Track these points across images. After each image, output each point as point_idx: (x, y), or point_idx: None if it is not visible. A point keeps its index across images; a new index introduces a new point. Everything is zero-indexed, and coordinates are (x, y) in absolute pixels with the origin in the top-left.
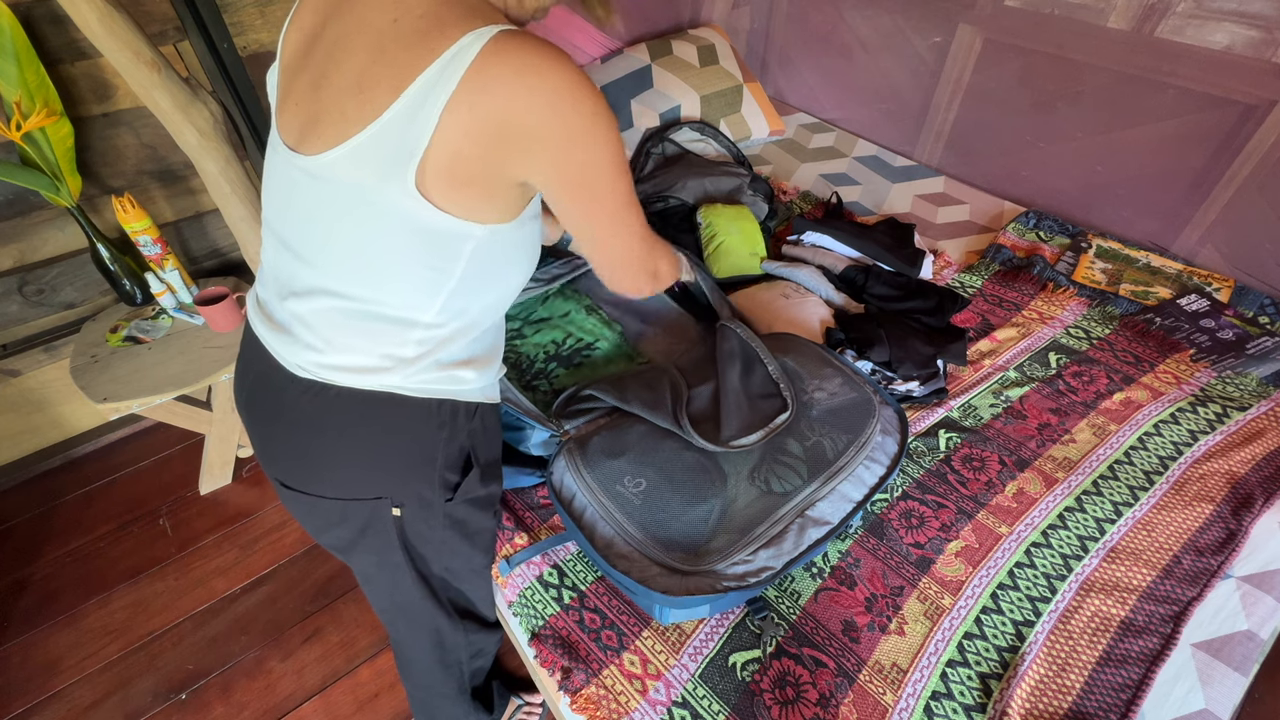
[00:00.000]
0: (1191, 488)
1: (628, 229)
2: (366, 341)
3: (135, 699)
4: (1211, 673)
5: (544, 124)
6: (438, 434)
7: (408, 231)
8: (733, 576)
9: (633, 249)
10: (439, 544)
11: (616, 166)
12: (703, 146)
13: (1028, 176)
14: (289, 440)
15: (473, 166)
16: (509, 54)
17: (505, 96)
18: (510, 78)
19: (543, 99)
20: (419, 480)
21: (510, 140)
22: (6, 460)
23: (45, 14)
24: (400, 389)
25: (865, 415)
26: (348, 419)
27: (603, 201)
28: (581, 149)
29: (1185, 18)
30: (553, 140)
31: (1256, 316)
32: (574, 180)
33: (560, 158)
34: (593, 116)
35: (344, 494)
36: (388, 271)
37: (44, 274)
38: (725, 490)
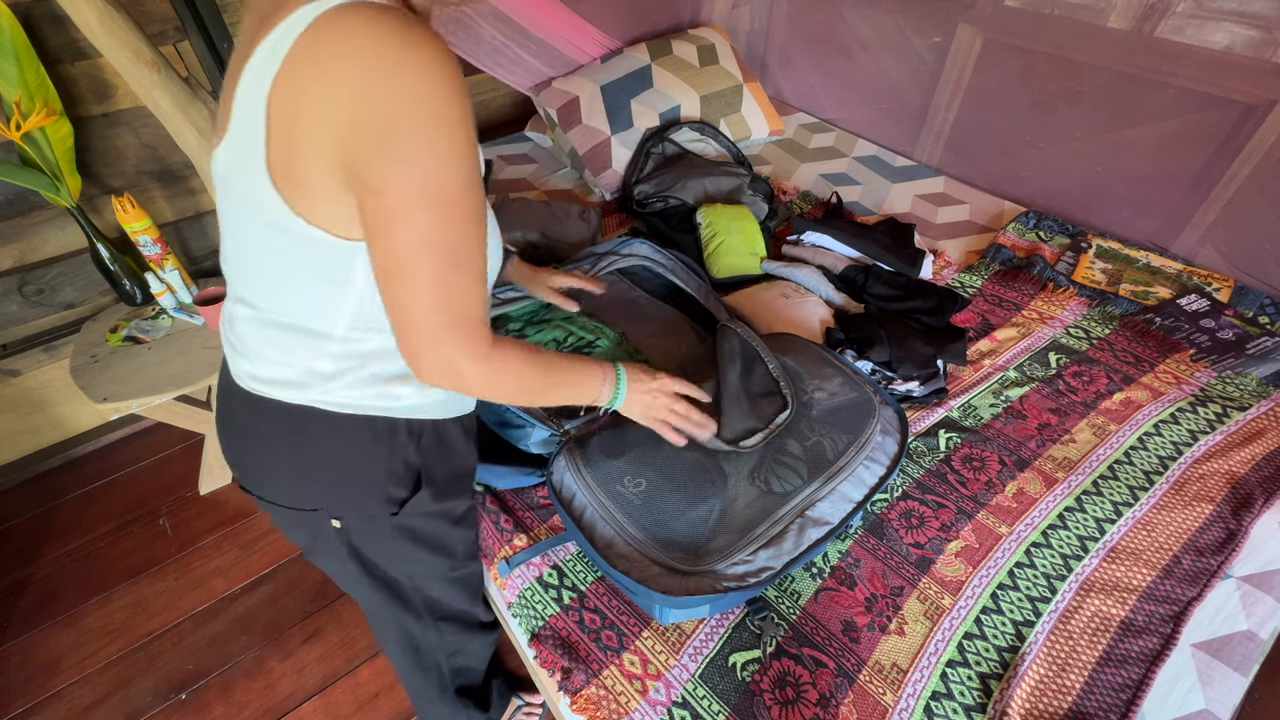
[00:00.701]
0: (1191, 488)
1: (424, 284)
2: (283, 354)
3: (135, 699)
4: (1211, 673)
5: (347, 119)
6: (373, 450)
7: (288, 241)
8: (733, 577)
9: (433, 315)
10: (393, 553)
11: (431, 192)
12: (703, 146)
13: (1028, 176)
14: (238, 448)
15: (311, 166)
16: (331, 31)
17: (317, 83)
18: (326, 60)
19: (349, 89)
20: (358, 495)
21: (324, 135)
22: (6, 460)
23: (45, 14)
24: (325, 405)
25: (865, 415)
26: (279, 433)
27: (400, 229)
28: (381, 156)
29: (1185, 18)
30: (351, 140)
31: (1256, 316)
32: (371, 193)
33: (358, 162)
34: (414, 110)
35: (286, 503)
36: (282, 282)
37: (44, 274)
38: (725, 490)
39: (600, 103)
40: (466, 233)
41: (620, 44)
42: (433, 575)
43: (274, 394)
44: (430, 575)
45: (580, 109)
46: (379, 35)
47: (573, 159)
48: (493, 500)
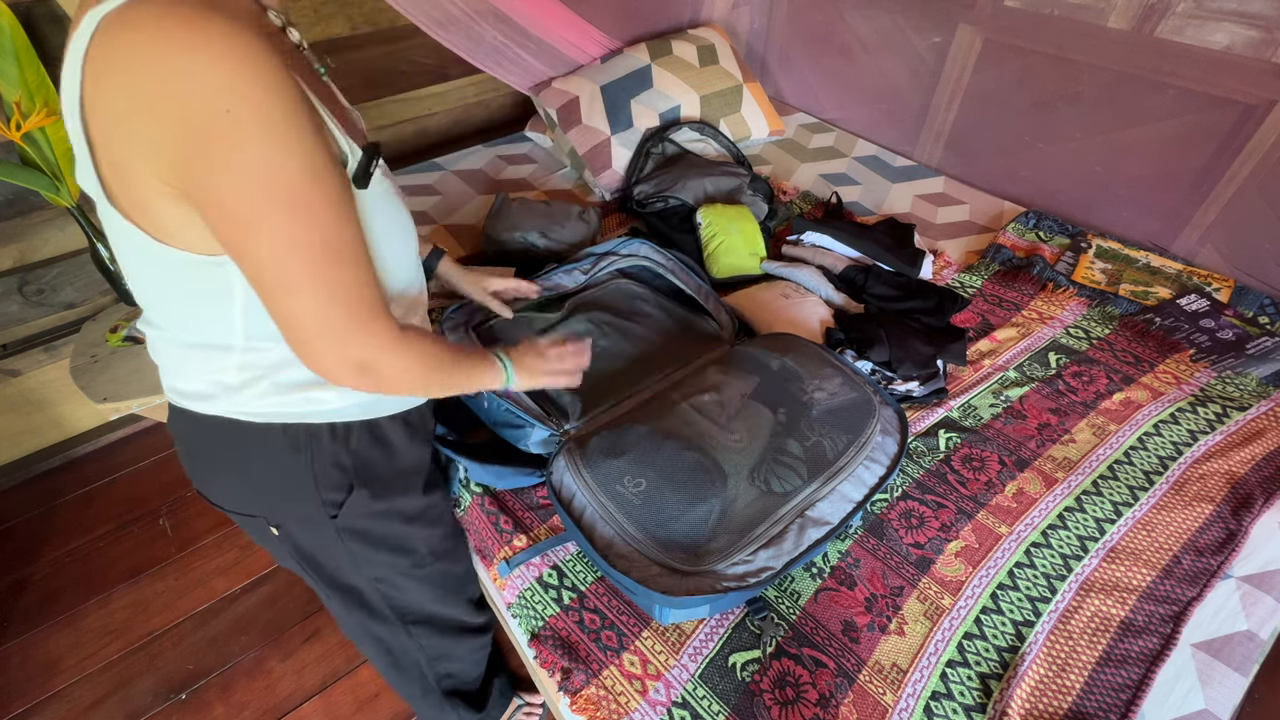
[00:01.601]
0: (1191, 488)
1: (311, 283)
2: (187, 367)
3: (135, 699)
4: (1211, 673)
5: (155, 131)
6: (294, 458)
7: (155, 262)
8: (732, 577)
9: (324, 316)
10: (343, 555)
11: (272, 192)
12: (702, 146)
13: (1027, 176)
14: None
15: (140, 186)
16: (118, 36)
17: (117, 94)
18: (119, 68)
19: (146, 99)
20: (289, 502)
21: (139, 151)
22: (6, 460)
23: (45, 14)
24: (237, 415)
25: (865, 415)
26: (208, 444)
27: (257, 238)
28: (204, 167)
29: (1185, 18)
30: (168, 153)
31: (1256, 316)
32: (209, 206)
33: (182, 176)
34: (217, 116)
35: (229, 508)
36: (168, 301)
37: (44, 274)
38: (725, 490)
39: (600, 103)
40: (333, 222)
41: (620, 44)
42: (394, 575)
43: (191, 406)
44: (392, 576)
45: (580, 109)
46: (165, 34)
47: (573, 159)
48: (492, 501)
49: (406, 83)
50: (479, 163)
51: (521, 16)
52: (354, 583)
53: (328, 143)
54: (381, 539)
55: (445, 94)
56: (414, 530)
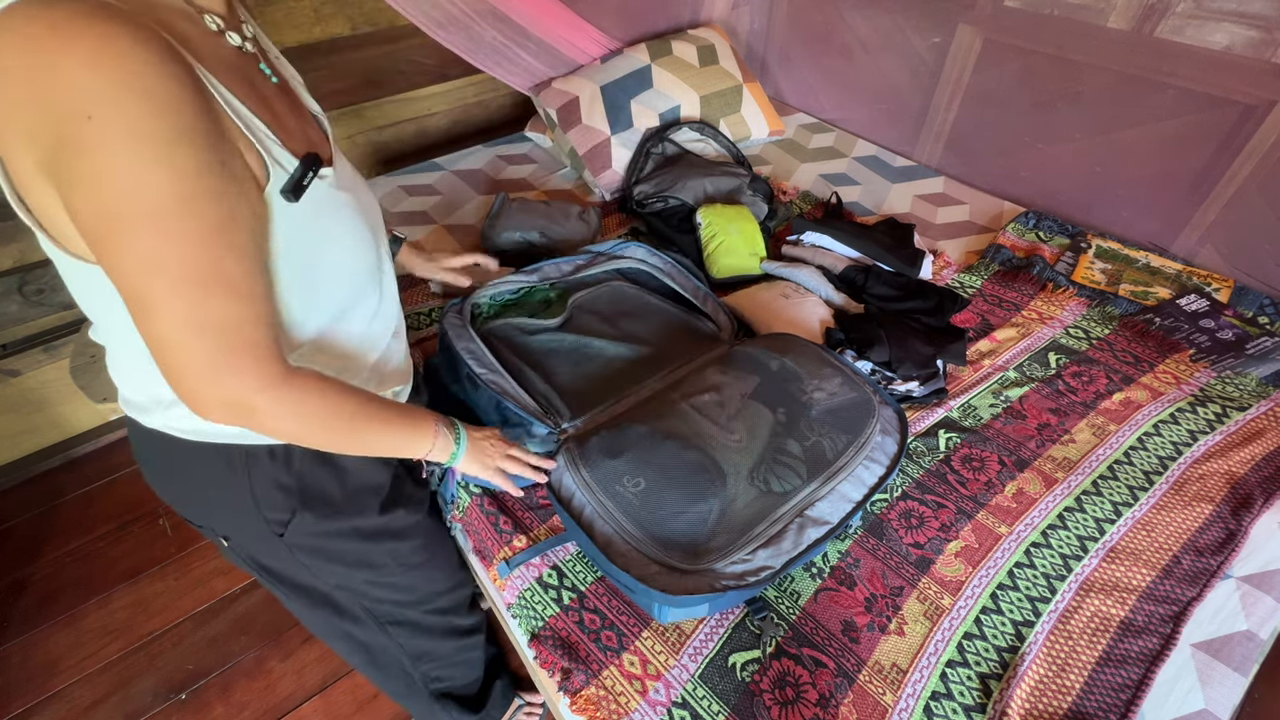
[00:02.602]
0: (1191, 488)
1: (170, 314)
2: (130, 377)
3: (135, 699)
4: (1211, 673)
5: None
6: (232, 479)
7: (64, 267)
8: (731, 575)
9: (179, 351)
10: (300, 567)
11: (132, 209)
12: (702, 146)
13: (1027, 176)
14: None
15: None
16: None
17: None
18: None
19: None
20: (234, 517)
21: (18, 156)
22: (6, 460)
23: None
24: (172, 430)
25: (865, 415)
26: (153, 453)
27: (113, 255)
28: (65, 175)
29: (1185, 18)
30: (40, 159)
31: (1256, 316)
32: (70, 211)
33: (53, 182)
34: (79, 122)
35: (184, 517)
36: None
37: (44, 274)
38: (725, 490)
39: (600, 103)
40: (202, 247)
41: (620, 44)
42: (358, 584)
43: (134, 416)
44: (355, 584)
45: (580, 109)
46: (36, 37)
47: (572, 159)
48: (491, 501)
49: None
50: (479, 163)
51: (521, 16)
52: (315, 585)
53: (225, 160)
54: (337, 554)
55: (445, 94)
56: (374, 546)
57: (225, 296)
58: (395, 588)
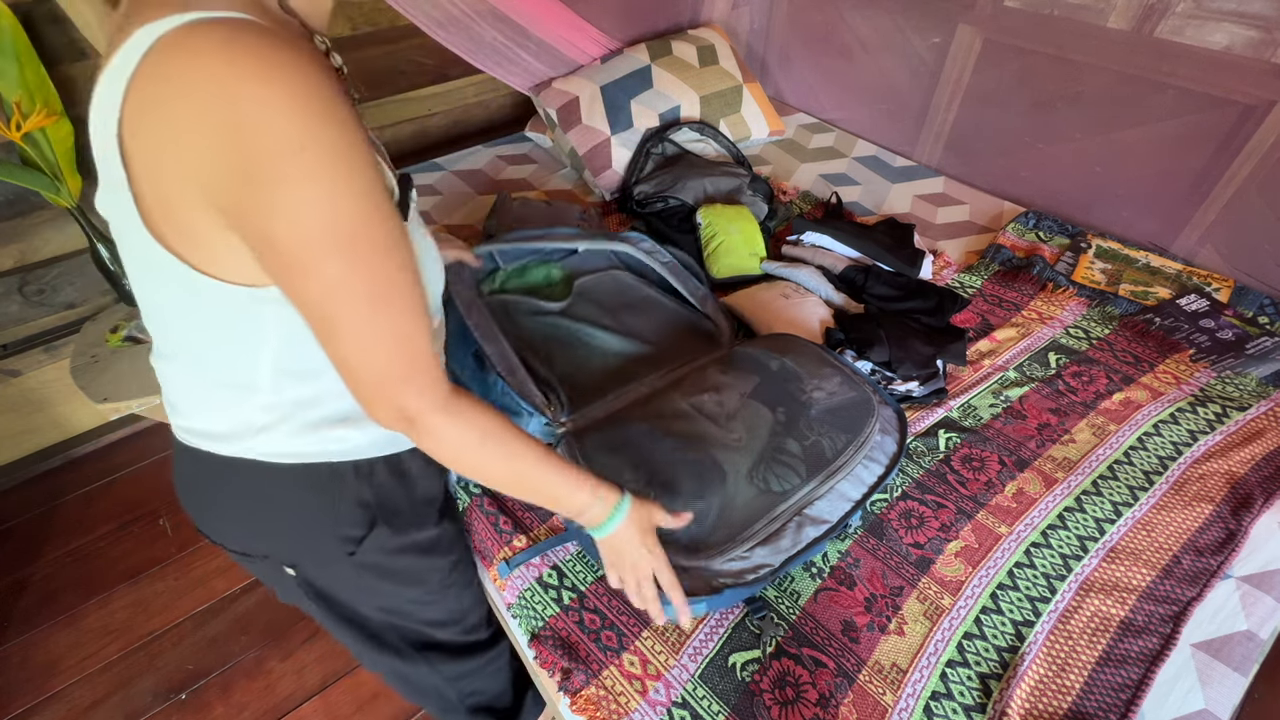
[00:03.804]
0: (1191, 488)
1: (354, 335)
2: (212, 407)
3: (135, 699)
4: (1211, 673)
5: (209, 164)
6: (317, 499)
7: (188, 293)
8: (729, 573)
9: (363, 370)
10: (358, 589)
11: (328, 236)
12: (702, 147)
13: (1027, 176)
14: (183, 493)
15: (187, 214)
16: (176, 57)
17: (168, 121)
18: (173, 94)
19: (201, 130)
20: (308, 542)
21: (190, 182)
22: (6, 460)
23: (45, 14)
24: (261, 456)
25: (864, 415)
26: (219, 484)
27: (305, 279)
28: (258, 205)
29: (1185, 18)
30: (221, 187)
31: (1256, 316)
32: (262, 245)
33: (236, 212)
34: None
35: (236, 548)
36: (196, 335)
37: (44, 274)
38: (724, 489)
39: (600, 103)
40: (387, 267)
41: (620, 44)
42: (404, 604)
43: (207, 446)
44: (402, 605)
45: (580, 109)
46: (230, 59)
47: (573, 159)
48: (491, 501)
49: (406, 83)
50: (479, 163)
51: (521, 16)
52: (367, 616)
53: (383, 178)
54: (396, 573)
55: (445, 94)
56: (428, 561)
57: (403, 311)
58: (437, 606)
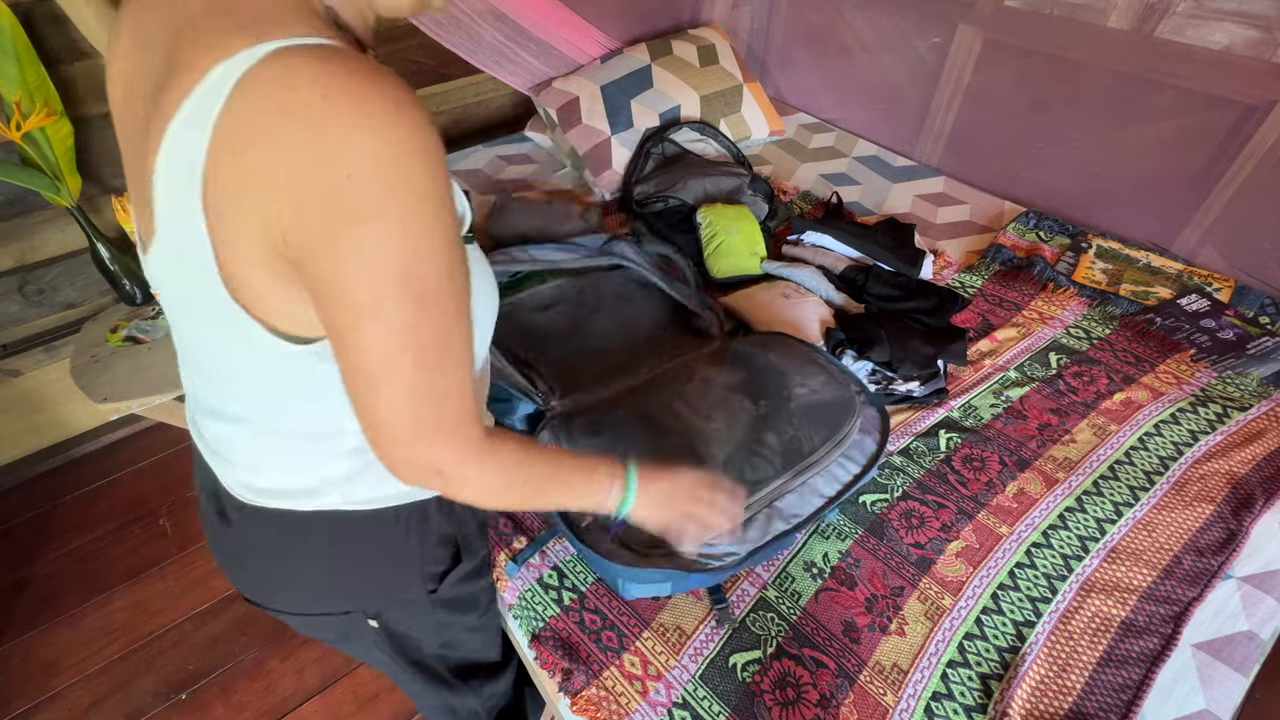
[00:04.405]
0: (1192, 488)
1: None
2: (290, 463)
3: (135, 699)
4: (1212, 673)
5: (298, 199)
6: (406, 541)
7: (268, 355)
8: (696, 558)
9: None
10: (431, 629)
11: (404, 282)
12: (703, 146)
13: (1028, 177)
14: (243, 563)
15: (251, 267)
16: (271, 93)
17: (260, 158)
18: (269, 126)
19: (287, 163)
20: (396, 586)
21: (263, 219)
22: (6, 460)
23: (45, 14)
24: (344, 506)
25: (845, 413)
26: (297, 545)
27: (368, 327)
28: (342, 237)
29: (1185, 18)
30: (308, 223)
31: (1257, 316)
32: (327, 287)
33: (307, 250)
34: (376, 192)
35: (309, 610)
36: (275, 393)
37: (44, 274)
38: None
39: (600, 103)
40: (451, 321)
41: (620, 44)
42: (464, 631)
43: (281, 505)
44: (462, 633)
45: (580, 109)
46: (326, 94)
47: (573, 159)
48: None
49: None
50: (479, 163)
51: (521, 16)
52: (427, 652)
53: (456, 217)
54: (463, 601)
55: (445, 94)
56: (480, 583)
57: (454, 366)
58: (484, 629)
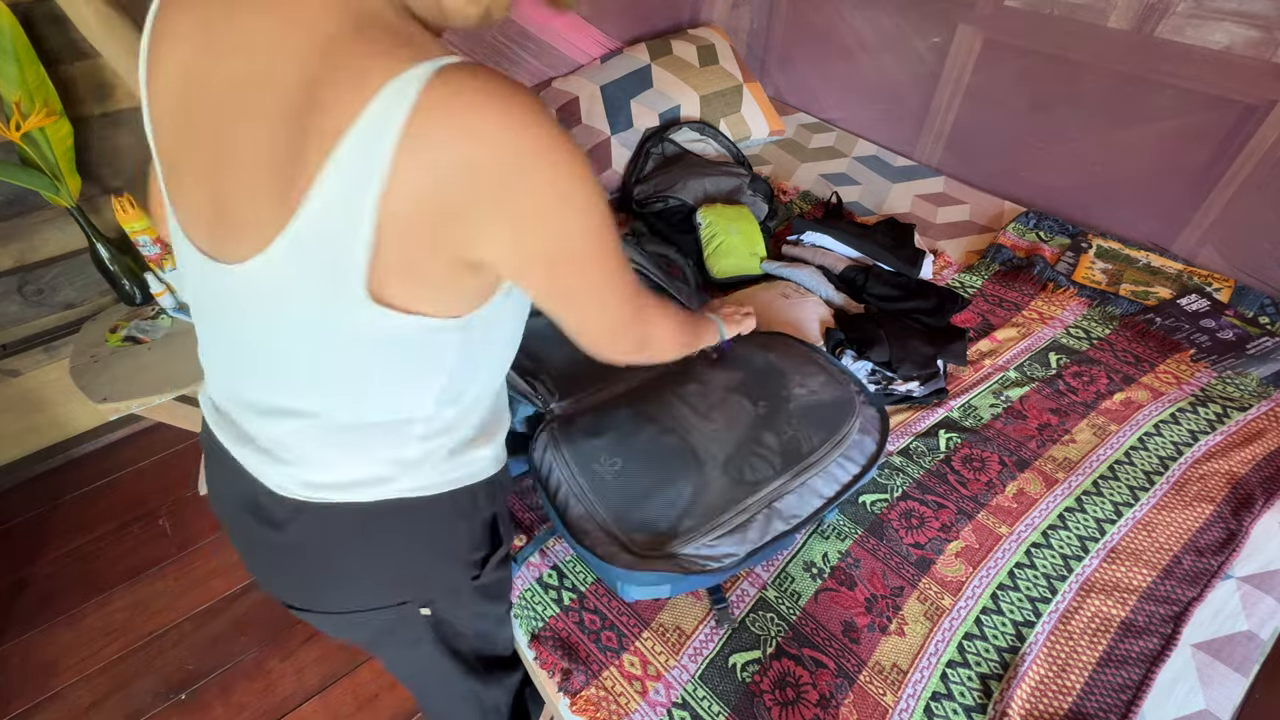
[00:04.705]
0: (1192, 488)
1: (614, 297)
2: (359, 454)
3: (135, 699)
4: (1212, 673)
5: (493, 196)
6: (458, 525)
7: (373, 343)
8: (695, 559)
9: (620, 317)
10: (470, 618)
11: (599, 230)
12: (703, 146)
13: (1028, 176)
14: (290, 566)
15: (423, 259)
16: (449, 107)
17: (448, 168)
18: (452, 141)
19: (490, 164)
20: (445, 575)
21: (454, 221)
22: (6, 460)
23: (45, 14)
24: (411, 493)
25: (845, 414)
26: (355, 538)
27: (583, 274)
28: (552, 220)
29: (1185, 18)
30: (505, 216)
31: (1256, 316)
32: (543, 257)
33: (516, 235)
34: (565, 176)
35: (362, 606)
36: (361, 386)
37: (44, 274)
38: (699, 475)
39: (600, 103)
40: (616, 241)
41: (620, 44)
42: (494, 622)
43: (348, 497)
44: (493, 625)
45: (580, 109)
46: (505, 106)
47: None
48: None
49: None
50: None
51: (522, 17)
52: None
53: None
54: (497, 590)
55: None
56: (508, 570)
57: (629, 270)
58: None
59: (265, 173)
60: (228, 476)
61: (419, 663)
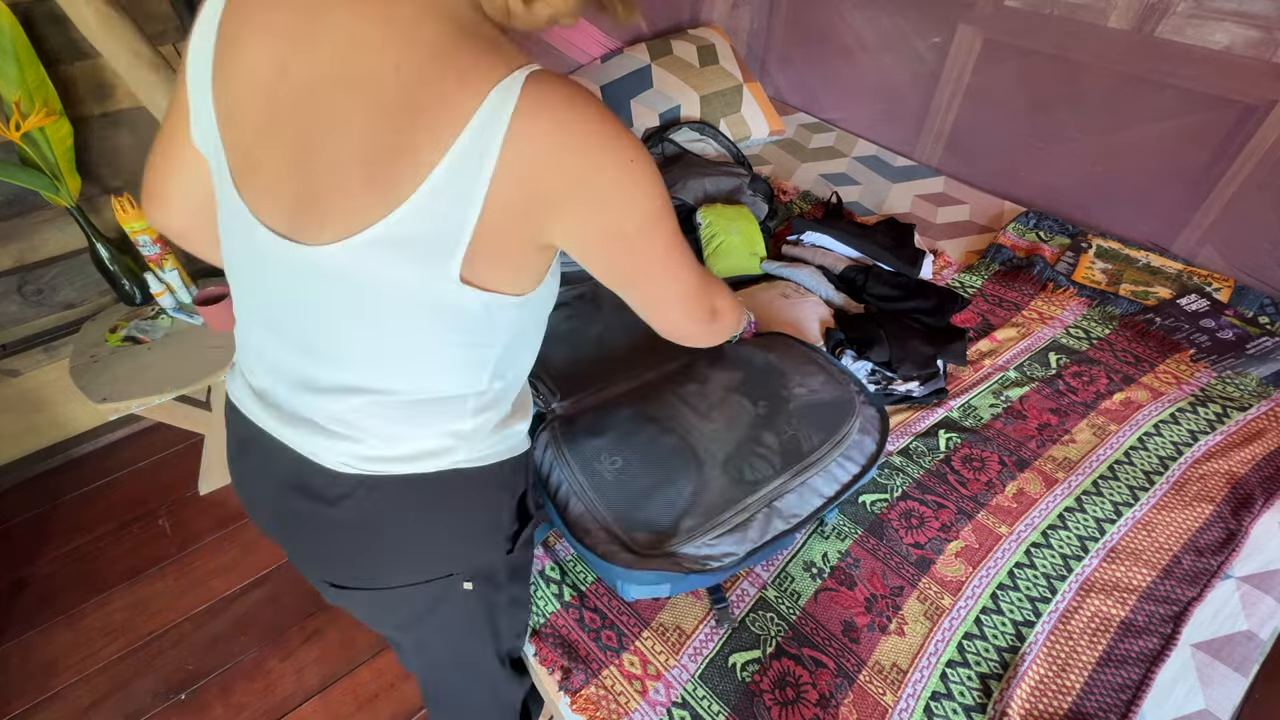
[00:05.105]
0: (1191, 488)
1: (684, 268)
2: (421, 427)
3: (135, 699)
4: (1211, 673)
5: (578, 183)
6: (499, 497)
7: (449, 320)
8: (695, 558)
9: (689, 288)
10: (505, 600)
11: (663, 210)
12: (702, 146)
13: (1027, 176)
14: (343, 542)
15: (511, 242)
16: (544, 108)
17: (543, 160)
18: (546, 137)
19: (576, 156)
20: (487, 547)
21: (542, 206)
22: (6, 460)
23: (45, 14)
24: (465, 463)
25: (845, 414)
26: (411, 509)
27: (654, 247)
28: (625, 200)
29: (1185, 18)
30: (587, 200)
31: (1256, 316)
32: (612, 236)
33: (595, 216)
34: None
35: (412, 579)
36: (431, 362)
37: (43, 274)
38: (698, 475)
39: None
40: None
41: (620, 44)
42: (520, 610)
43: (406, 469)
44: (519, 612)
45: None
46: (585, 105)
47: None
48: None
49: None
50: None
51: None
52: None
53: None
54: (522, 569)
55: None
56: (530, 551)
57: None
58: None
59: (357, 165)
60: (266, 460)
61: (452, 644)
